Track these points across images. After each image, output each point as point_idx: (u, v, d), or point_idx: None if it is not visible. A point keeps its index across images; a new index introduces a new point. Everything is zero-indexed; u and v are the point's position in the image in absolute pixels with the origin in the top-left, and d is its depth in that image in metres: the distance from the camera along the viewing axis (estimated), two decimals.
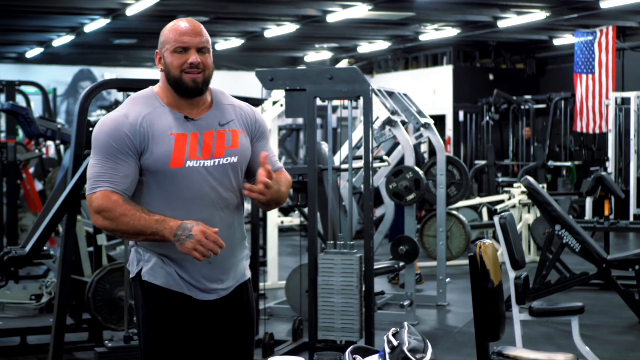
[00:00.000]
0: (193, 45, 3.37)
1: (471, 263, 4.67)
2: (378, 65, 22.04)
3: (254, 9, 14.21)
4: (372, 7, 13.36)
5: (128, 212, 3.27)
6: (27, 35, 17.17)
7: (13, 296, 6.91)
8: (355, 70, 6.27)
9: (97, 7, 13.76)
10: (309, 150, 6.37)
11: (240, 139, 3.48)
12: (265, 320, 8.35)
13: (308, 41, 18.48)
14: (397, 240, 8.05)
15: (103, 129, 3.35)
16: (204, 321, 3.49)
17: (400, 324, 3.60)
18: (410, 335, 3.46)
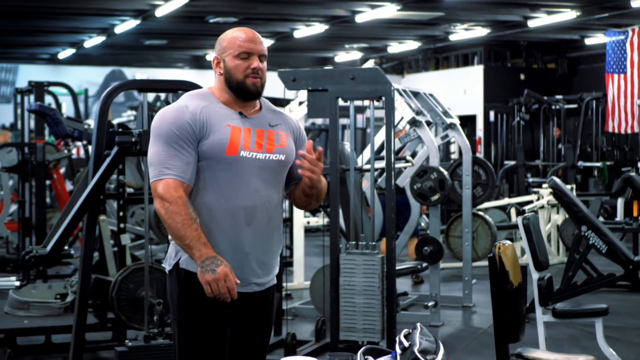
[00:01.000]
0: (256, 52, 3.59)
1: (490, 264, 4.65)
2: (409, 66, 21.99)
3: (283, 9, 14.22)
4: (400, 7, 13.33)
5: (183, 214, 3.43)
6: (59, 37, 17.30)
7: (38, 295, 6.96)
8: (377, 70, 6.26)
9: (127, 8, 13.84)
10: (331, 150, 6.38)
11: (287, 140, 3.70)
12: (290, 320, 8.37)
13: (338, 41, 18.47)
14: (421, 241, 8.03)
15: (166, 118, 3.54)
16: (234, 311, 3.61)
17: (413, 325, 3.60)
18: (423, 337, 3.45)
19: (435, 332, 7.94)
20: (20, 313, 6.89)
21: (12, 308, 6.92)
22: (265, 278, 3.65)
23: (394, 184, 6.30)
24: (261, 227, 3.56)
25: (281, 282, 7.22)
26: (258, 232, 3.55)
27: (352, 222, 6.51)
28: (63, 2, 13.48)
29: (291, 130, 3.73)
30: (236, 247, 3.52)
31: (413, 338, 3.40)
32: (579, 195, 12.41)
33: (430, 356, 3.31)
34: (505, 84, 19.25)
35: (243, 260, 3.55)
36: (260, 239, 3.56)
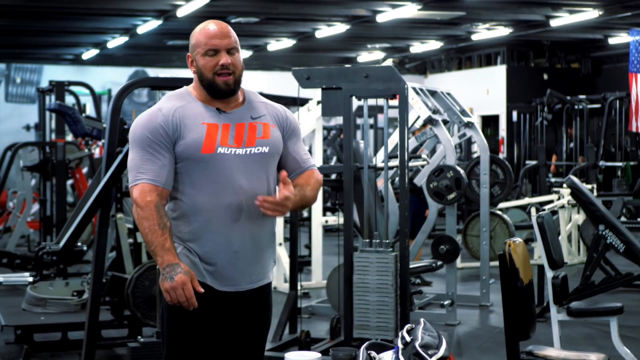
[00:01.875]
0: (223, 47, 3.50)
1: (501, 262, 4.65)
2: (432, 66, 21.96)
3: (304, 9, 14.23)
4: (421, 7, 13.31)
5: (151, 219, 3.41)
6: (83, 37, 17.40)
7: (55, 292, 7.02)
8: (391, 68, 6.26)
9: (149, 8, 13.91)
10: (345, 149, 6.38)
11: (272, 132, 3.61)
12: (306, 318, 8.40)
13: (360, 41, 18.46)
14: (437, 240, 8.02)
15: (139, 123, 3.52)
16: (224, 311, 3.58)
17: (416, 321, 3.61)
18: (425, 332, 3.46)
19: (451, 331, 7.93)
20: (37, 310, 6.95)
21: (29, 305, 6.98)
22: (257, 276, 3.61)
23: (408, 182, 6.30)
24: (249, 223, 3.51)
25: (296, 280, 7.23)
26: (246, 230, 3.50)
27: (366, 220, 6.51)
28: (86, 3, 13.56)
29: (277, 120, 3.64)
30: (224, 246, 3.49)
31: (415, 333, 3.42)
32: (601, 195, 12.35)
33: (432, 351, 3.32)
34: (528, 84, 19.19)
35: (232, 258, 3.51)
36: (249, 236, 3.51)
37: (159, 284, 3.39)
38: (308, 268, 10.53)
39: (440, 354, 3.30)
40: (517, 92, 19.15)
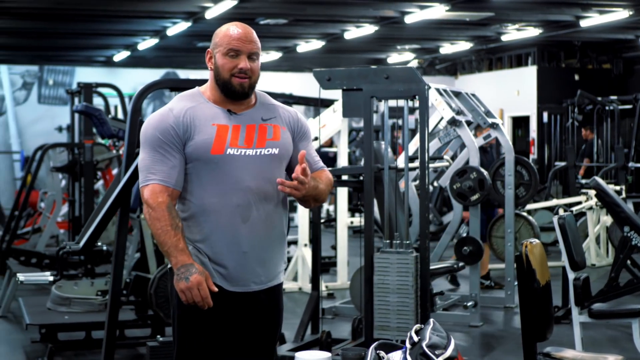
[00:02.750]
0: (245, 51, 3.53)
1: (517, 263, 4.65)
2: (462, 67, 21.90)
3: (332, 10, 14.25)
4: (449, 8, 13.28)
5: (163, 220, 3.44)
6: (114, 39, 17.53)
7: (80, 291, 7.09)
8: (411, 69, 6.27)
9: (178, 10, 13.98)
10: (366, 150, 6.40)
11: (282, 134, 3.63)
12: (330, 319, 8.42)
13: (389, 42, 18.45)
14: (461, 241, 8.01)
15: (150, 124, 3.56)
16: (233, 312, 3.61)
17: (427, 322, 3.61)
18: (434, 332, 3.46)
19: (474, 332, 7.92)
20: (62, 309, 7.02)
21: (54, 304, 7.06)
22: (267, 276, 3.62)
23: (428, 183, 6.31)
24: (258, 224, 3.53)
25: (318, 281, 7.25)
26: (255, 230, 3.52)
27: (387, 221, 6.51)
28: (117, 5, 13.67)
29: (287, 123, 3.67)
30: (233, 246, 3.51)
31: (424, 333, 3.42)
32: (630, 196, 12.25)
33: (439, 351, 3.33)
34: (559, 85, 19.08)
35: (241, 259, 3.53)
36: (258, 237, 3.53)
37: (174, 284, 3.42)
38: (334, 269, 10.55)
39: (448, 354, 3.30)
40: (548, 93, 19.05)
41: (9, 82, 19.89)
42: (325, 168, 3.81)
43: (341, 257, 10.01)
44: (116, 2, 13.38)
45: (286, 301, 9.39)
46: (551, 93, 18.97)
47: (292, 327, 7.26)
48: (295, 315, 7.95)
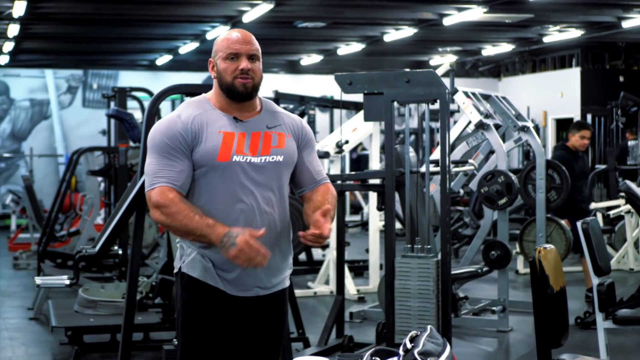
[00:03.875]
0: (244, 52, 3.57)
1: (531, 268, 4.61)
2: (506, 69, 21.72)
3: (370, 13, 14.22)
4: (487, 10, 13.19)
5: (183, 211, 3.44)
6: (156, 43, 17.65)
7: (106, 294, 7.16)
8: (432, 73, 6.24)
9: (216, 14, 14.06)
10: (387, 154, 6.39)
11: (287, 141, 3.66)
12: (358, 323, 8.41)
13: (430, 45, 18.36)
14: (488, 245, 7.95)
15: (158, 130, 3.58)
16: (236, 316, 3.62)
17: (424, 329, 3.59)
18: (430, 339, 3.43)
19: (502, 337, 7.86)
20: (88, 312, 7.10)
21: (80, 306, 7.14)
22: (271, 281, 3.64)
23: (449, 187, 6.28)
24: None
25: (342, 285, 7.24)
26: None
27: (408, 225, 6.49)
28: (158, 10, 13.79)
29: (292, 130, 3.69)
30: None
31: (418, 340, 3.39)
32: None
33: (431, 358, 3.29)
34: (604, 86, 18.83)
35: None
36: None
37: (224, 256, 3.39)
38: (368, 272, 10.54)
39: None
40: (591, 95, 18.82)
41: (54, 86, 20.14)
42: (328, 181, 3.82)
43: (373, 261, 10.00)
44: (156, 6, 13.48)
45: (316, 304, 9.43)
46: (595, 95, 18.74)
47: (320, 330, 7.26)
48: (324, 319, 7.94)
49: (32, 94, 20.03)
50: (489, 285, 9.95)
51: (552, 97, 19.50)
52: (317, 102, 12.77)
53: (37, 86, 20.07)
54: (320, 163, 3.87)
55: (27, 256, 12.33)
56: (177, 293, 3.68)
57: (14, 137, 19.93)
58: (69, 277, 5.79)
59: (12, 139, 19.93)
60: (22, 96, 19.98)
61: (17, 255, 12.56)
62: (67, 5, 13.15)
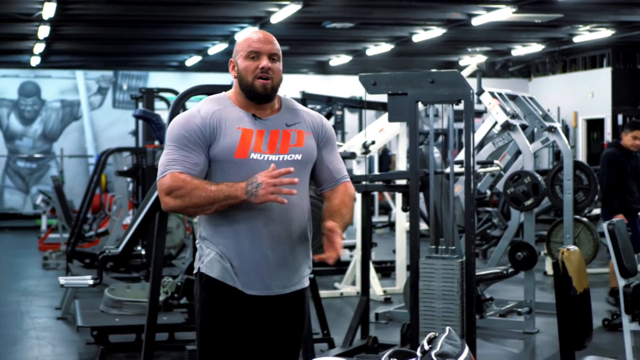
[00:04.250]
0: (265, 51, 3.57)
1: (554, 270, 4.58)
2: (536, 69, 21.60)
3: (398, 13, 14.21)
4: (516, 10, 13.13)
5: (199, 185, 3.44)
6: (186, 44, 17.73)
7: (132, 294, 7.19)
8: (456, 73, 6.20)
9: (244, 15, 14.10)
10: (411, 155, 6.35)
11: (305, 139, 3.65)
12: (384, 324, 8.40)
13: (460, 45, 18.31)
14: (515, 246, 7.90)
15: (177, 123, 3.60)
16: (255, 316, 3.62)
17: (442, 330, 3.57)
18: (449, 340, 3.41)
19: (528, 339, 7.81)
20: (113, 311, 7.13)
21: (106, 306, 7.17)
22: (289, 280, 3.63)
23: (474, 188, 6.24)
24: (280, 228, 3.53)
25: (367, 286, 7.23)
26: (277, 234, 3.52)
27: (432, 226, 6.47)
28: (186, 11, 13.85)
29: (312, 128, 3.68)
30: (255, 250, 3.52)
31: (436, 342, 3.38)
32: None
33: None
34: (635, 87, 18.70)
35: (264, 263, 3.54)
36: (280, 241, 3.54)
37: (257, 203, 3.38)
38: (395, 273, 10.51)
39: None
40: (622, 95, 18.69)
41: (85, 87, 20.29)
42: (348, 179, 3.81)
43: (400, 261, 9.97)
44: (185, 7, 13.54)
45: (343, 305, 9.42)
46: (626, 95, 18.61)
47: (345, 331, 7.25)
48: (350, 320, 7.93)
49: (62, 95, 20.20)
50: (517, 287, 9.89)
51: (583, 97, 19.38)
52: (344, 102, 12.75)
53: (67, 87, 20.24)
54: (341, 161, 3.85)
55: (56, 256, 12.42)
56: (196, 293, 3.69)
57: (45, 137, 20.11)
58: (92, 277, 5.82)
59: (44, 139, 20.10)
60: (53, 97, 20.16)
61: (47, 255, 12.65)
62: (96, 6, 13.25)
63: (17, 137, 19.99)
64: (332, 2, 12.95)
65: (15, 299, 9.92)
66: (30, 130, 20.05)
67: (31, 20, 13.72)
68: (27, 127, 20.04)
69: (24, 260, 13.40)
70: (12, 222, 18.98)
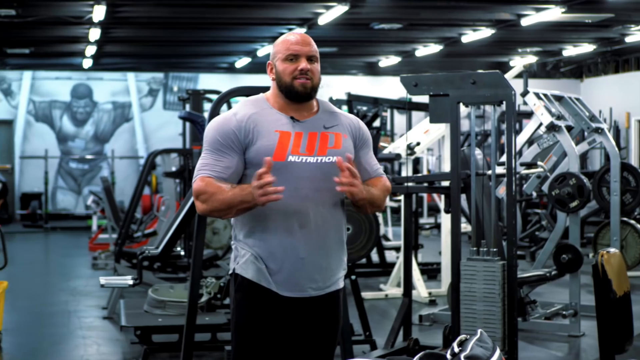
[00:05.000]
0: (303, 53, 3.60)
1: (594, 273, 4.53)
2: (588, 69, 21.35)
3: (446, 14, 14.13)
4: (565, 10, 12.99)
5: (218, 189, 3.48)
6: (235, 46, 17.80)
7: (175, 295, 7.23)
8: (498, 74, 6.17)
9: (292, 17, 14.12)
10: (452, 156, 6.33)
11: (343, 142, 3.67)
12: (428, 326, 8.36)
13: (510, 45, 18.14)
14: (560, 249, 7.82)
15: (212, 126, 3.64)
16: (289, 318, 3.64)
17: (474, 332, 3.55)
18: (480, 343, 3.39)
19: (573, 342, 7.73)
20: (157, 312, 7.19)
21: (150, 306, 7.23)
22: (324, 282, 3.64)
23: (516, 189, 6.20)
24: (316, 230, 3.55)
25: (410, 287, 7.20)
26: (313, 236, 3.54)
27: (474, 228, 6.43)
28: (235, 13, 13.91)
29: (349, 130, 3.69)
30: (290, 252, 3.54)
31: (466, 344, 3.36)
32: None
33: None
34: None
35: (298, 264, 3.56)
36: (315, 243, 3.55)
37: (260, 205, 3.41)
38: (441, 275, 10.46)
39: None
40: None
41: (136, 89, 20.49)
42: (384, 175, 3.83)
43: (445, 263, 9.91)
44: (234, 9, 13.59)
45: (387, 307, 9.40)
46: None
47: (388, 333, 7.23)
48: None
49: (114, 97, 20.42)
50: (565, 289, 9.79)
51: (636, 98, 19.10)
52: (390, 104, 12.71)
53: (119, 89, 20.46)
54: (377, 162, 3.86)
55: (105, 256, 12.55)
56: (231, 294, 3.72)
57: (97, 139, 20.34)
58: (132, 277, 5.87)
59: (95, 141, 20.34)
60: (104, 99, 20.39)
61: (96, 256, 12.80)
62: (145, 9, 13.36)
63: (69, 138, 20.24)
64: (379, 3, 12.92)
65: (64, 298, 10.05)
66: (82, 131, 20.30)
67: (82, 23, 13.88)
68: (80, 128, 20.28)
69: (74, 260, 13.58)
70: (65, 223, 19.23)
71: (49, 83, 20.19)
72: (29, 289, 10.94)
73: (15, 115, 20.01)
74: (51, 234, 18.00)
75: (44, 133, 20.13)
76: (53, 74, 20.24)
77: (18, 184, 20.07)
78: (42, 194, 19.67)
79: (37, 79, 20.13)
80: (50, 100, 20.17)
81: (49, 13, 13.19)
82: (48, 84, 20.19)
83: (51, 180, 20.05)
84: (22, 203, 19.84)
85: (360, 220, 8.28)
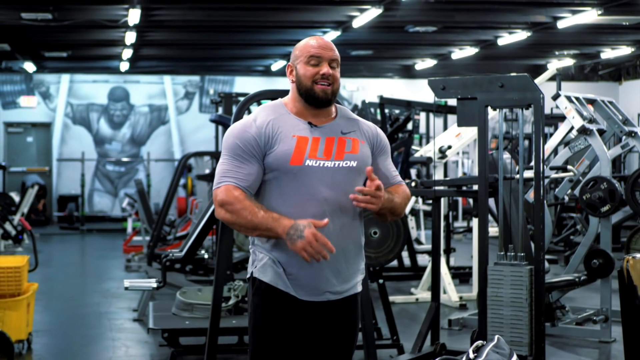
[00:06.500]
0: (325, 57, 3.60)
1: (619, 279, 4.48)
2: (627, 72, 21.13)
3: (481, 17, 14.05)
4: (602, 12, 12.87)
5: (247, 207, 3.47)
6: (270, 49, 17.84)
7: (203, 298, 7.24)
8: (526, 77, 6.12)
9: (327, 20, 14.12)
10: (480, 160, 6.29)
11: (360, 147, 3.67)
12: (457, 331, 8.31)
13: (546, 48, 18.01)
14: (591, 253, 7.74)
15: (232, 132, 3.64)
16: (307, 322, 3.64)
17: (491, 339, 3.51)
18: (496, 349, 3.37)
19: (604, 348, 7.64)
20: (185, 314, 7.20)
21: (178, 309, 7.25)
22: (342, 286, 3.64)
23: (544, 193, 6.14)
24: (334, 235, 3.52)
25: (438, 292, 7.16)
26: (331, 241, 3.48)
27: (501, 232, 6.38)
28: (270, 16, 13.94)
29: (367, 137, 3.69)
30: None
31: (482, 350, 3.33)
32: None
33: None
34: None
35: (317, 269, 3.55)
36: (334, 247, 3.51)
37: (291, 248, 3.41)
38: (472, 279, 10.40)
39: None
40: None
41: (172, 92, 20.60)
42: (403, 182, 3.82)
43: (476, 267, 9.84)
44: (268, 12, 13.62)
45: (417, 311, 9.36)
46: None
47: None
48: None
49: (150, 100, 20.55)
50: (598, 294, 9.69)
51: None
52: (422, 106, 12.66)
53: (155, 92, 20.58)
54: (395, 168, 3.85)
55: (139, 258, 12.61)
56: (248, 297, 3.72)
57: (134, 141, 20.47)
58: (157, 280, 5.89)
59: (132, 143, 20.47)
60: (141, 102, 20.52)
61: (130, 258, 12.87)
62: (179, 12, 13.44)
63: (106, 141, 20.40)
64: (413, 6, 12.87)
65: (96, 300, 10.11)
66: (119, 134, 20.45)
67: (118, 27, 13.99)
68: (116, 131, 20.44)
69: (108, 262, 13.67)
70: (101, 225, 19.40)
71: (86, 86, 20.37)
72: (63, 290, 11.04)
73: (53, 118, 20.21)
74: (87, 235, 18.15)
75: (82, 136, 20.31)
76: (90, 77, 20.42)
77: (55, 186, 20.27)
78: (79, 196, 19.85)
79: (75, 82, 20.32)
80: (88, 103, 20.34)
81: (85, 17, 13.30)
82: (85, 87, 20.37)
83: (88, 182, 20.22)
84: (59, 205, 20.04)
85: (388, 223, 8.25)
